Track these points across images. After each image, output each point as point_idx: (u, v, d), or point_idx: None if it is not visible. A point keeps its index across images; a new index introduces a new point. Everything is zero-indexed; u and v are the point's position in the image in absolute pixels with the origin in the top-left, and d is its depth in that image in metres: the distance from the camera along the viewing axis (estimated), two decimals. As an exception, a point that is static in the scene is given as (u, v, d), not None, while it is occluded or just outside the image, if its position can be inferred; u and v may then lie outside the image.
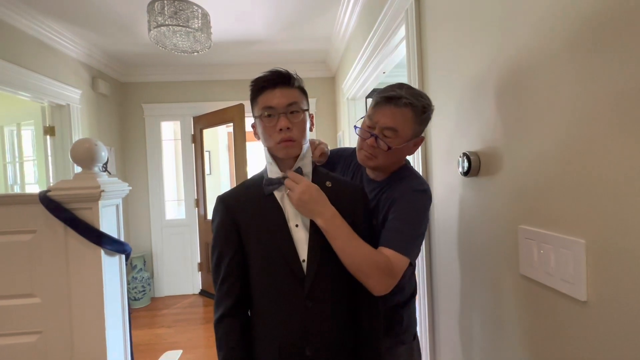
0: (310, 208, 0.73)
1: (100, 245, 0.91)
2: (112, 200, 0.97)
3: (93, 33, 2.54)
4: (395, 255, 0.75)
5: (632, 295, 0.48)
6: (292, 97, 0.75)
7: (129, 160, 3.40)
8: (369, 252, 0.73)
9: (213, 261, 0.78)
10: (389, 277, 0.74)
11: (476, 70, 0.86)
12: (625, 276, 0.49)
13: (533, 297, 0.69)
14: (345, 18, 2.34)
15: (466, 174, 0.89)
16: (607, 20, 0.50)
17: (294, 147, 0.76)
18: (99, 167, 0.95)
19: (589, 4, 0.52)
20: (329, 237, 0.73)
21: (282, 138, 0.74)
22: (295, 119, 0.74)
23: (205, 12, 1.95)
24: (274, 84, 0.75)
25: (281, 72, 0.76)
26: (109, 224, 0.96)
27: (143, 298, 3.20)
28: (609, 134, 0.50)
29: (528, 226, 0.69)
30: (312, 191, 0.73)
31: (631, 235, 0.48)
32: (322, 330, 0.74)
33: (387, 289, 0.74)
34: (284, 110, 0.74)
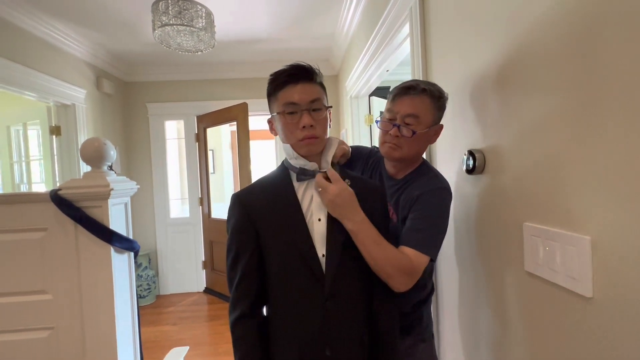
0: (340, 212, 0.74)
1: (110, 243, 0.92)
2: (121, 199, 0.99)
3: (98, 33, 2.56)
4: (416, 255, 0.77)
5: (637, 292, 0.49)
6: (315, 93, 0.74)
7: (133, 160, 3.42)
8: (392, 254, 0.75)
9: (229, 261, 0.76)
10: (410, 276, 0.76)
11: (480, 67, 0.86)
12: (631, 272, 0.49)
13: (538, 294, 0.70)
14: (348, 16, 2.34)
15: (471, 171, 0.90)
16: (610, 16, 0.50)
17: (317, 145, 0.75)
18: (107, 165, 0.97)
19: (592, 3, 0.53)
20: (356, 239, 0.75)
21: (306, 135, 0.73)
22: (318, 116, 0.74)
23: (209, 12, 1.96)
24: (297, 79, 0.73)
25: (304, 67, 0.74)
26: (118, 222, 0.97)
27: (148, 296, 3.23)
28: (615, 131, 0.51)
29: (533, 223, 0.69)
30: (346, 195, 0.73)
31: (637, 231, 0.48)
32: (342, 329, 0.74)
33: (407, 287, 0.76)
34: (307, 107, 0.72)
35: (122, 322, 0.97)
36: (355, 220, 0.74)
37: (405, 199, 0.88)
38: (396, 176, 0.95)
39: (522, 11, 0.69)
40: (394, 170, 0.95)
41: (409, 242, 0.79)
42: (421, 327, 0.99)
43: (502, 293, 0.82)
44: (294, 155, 0.77)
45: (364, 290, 0.79)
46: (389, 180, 0.96)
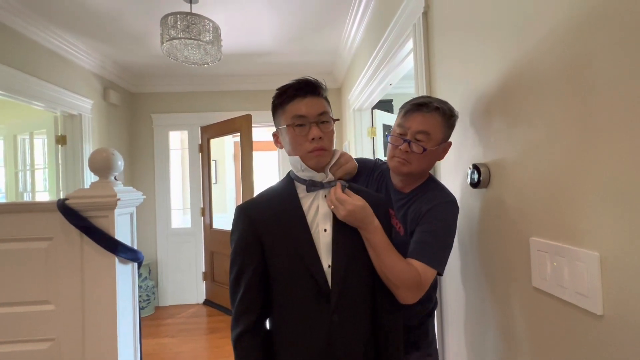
0: (355, 224, 0.76)
1: (115, 253, 0.92)
2: (127, 209, 0.99)
3: (107, 45, 2.62)
4: (424, 268, 0.78)
5: (649, 309, 0.48)
6: (322, 107, 0.76)
7: (136, 169, 3.44)
8: (402, 266, 0.76)
9: (232, 275, 0.76)
10: (417, 289, 0.76)
11: (484, 83, 0.87)
12: (642, 289, 0.49)
13: (547, 311, 0.69)
14: (352, 31, 2.39)
15: (476, 185, 0.90)
16: (616, 30, 0.51)
17: (325, 156, 0.77)
18: (115, 175, 0.97)
19: (597, 17, 0.54)
20: (368, 246, 0.76)
21: (315, 147, 0.74)
22: (326, 129, 0.76)
23: (216, 26, 2.01)
24: (304, 93, 0.75)
25: (311, 81, 0.77)
26: (124, 232, 0.97)
27: (147, 307, 3.19)
28: (622, 145, 0.51)
29: (540, 238, 0.69)
30: (357, 213, 0.74)
31: (646, 248, 0.48)
32: (347, 343, 0.74)
33: (414, 299, 0.77)
34: (316, 120, 0.74)
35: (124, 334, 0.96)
36: (369, 228, 0.76)
37: (413, 212, 0.89)
38: (403, 190, 0.96)
39: (524, 28, 0.71)
40: (401, 185, 0.96)
41: (417, 255, 0.80)
42: (427, 341, 0.99)
43: (509, 309, 0.81)
44: (301, 168, 0.77)
45: (368, 302, 0.78)
46: (396, 194, 0.97)
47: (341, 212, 0.74)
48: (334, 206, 0.75)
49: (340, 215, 0.74)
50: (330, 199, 0.75)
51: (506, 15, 0.78)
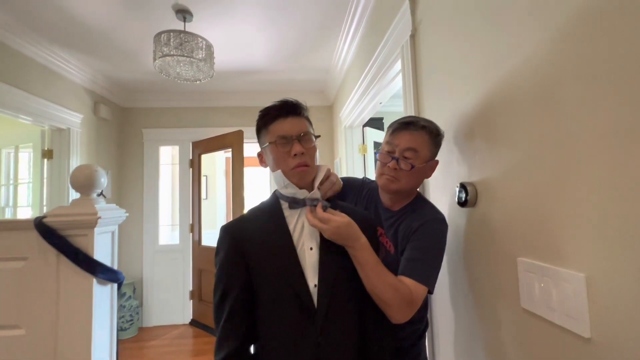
0: (342, 242, 0.75)
1: (94, 274, 0.88)
2: (108, 227, 0.96)
3: (98, 60, 2.62)
4: (415, 285, 0.77)
5: (636, 332, 0.48)
6: (303, 126, 0.78)
7: (125, 184, 3.38)
8: (392, 283, 0.75)
9: (217, 297, 0.74)
10: (409, 307, 0.75)
11: (468, 104, 0.89)
12: (628, 312, 0.49)
13: (536, 333, 0.68)
14: (343, 51, 2.45)
15: (463, 204, 0.90)
16: (599, 52, 0.53)
17: (308, 173, 0.78)
18: (97, 192, 0.95)
19: (575, 43, 0.56)
20: (357, 264, 0.75)
21: (298, 163, 0.75)
22: (307, 145, 0.77)
23: (209, 44, 2.04)
24: (286, 113, 0.78)
25: (292, 102, 0.79)
26: (104, 252, 0.94)
27: (130, 328, 3.06)
28: (607, 167, 0.52)
29: (527, 258, 0.69)
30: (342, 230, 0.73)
31: (632, 269, 0.48)
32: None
33: (406, 318, 0.75)
34: (298, 137, 0.76)
35: None
36: (356, 246, 0.75)
37: (403, 230, 0.89)
38: (392, 208, 0.96)
39: (503, 57, 0.73)
40: (390, 203, 0.96)
41: (408, 272, 0.79)
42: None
43: (499, 330, 0.80)
44: (284, 184, 0.78)
45: (356, 324, 0.76)
46: (386, 213, 0.97)
47: (326, 231, 0.73)
48: (317, 228, 0.74)
49: (326, 234, 0.73)
50: (312, 222, 0.74)
51: (485, 41, 0.81)
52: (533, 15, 0.65)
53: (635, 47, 0.46)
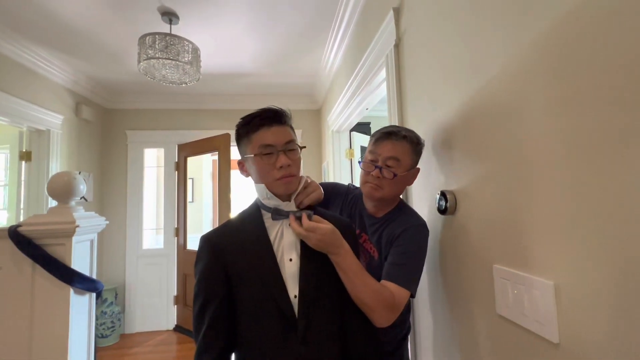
0: (327, 250, 0.75)
1: (71, 284, 0.86)
2: (86, 236, 0.93)
3: (80, 61, 2.56)
4: (398, 290, 0.79)
5: (601, 338, 0.50)
6: (288, 135, 0.77)
7: (108, 187, 3.30)
8: (375, 287, 0.76)
9: (196, 307, 0.73)
10: (392, 311, 0.77)
11: (448, 114, 0.92)
12: (594, 318, 0.51)
13: (510, 338, 0.70)
14: (330, 56, 2.47)
15: (443, 212, 0.93)
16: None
17: (294, 183, 0.77)
18: (76, 200, 0.92)
19: (551, 55, 0.59)
20: (340, 271, 0.76)
21: (283, 175, 0.74)
22: (293, 156, 0.76)
23: (195, 47, 2.02)
24: (270, 122, 0.75)
25: (276, 110, 0.77)
26: (82, 261, 0.91)
27: (112, 335, 2.98)
28: (576, 178, 0.54)
29: (502, 266, 0.71)
30: (327, 238, 0.74)
31: (597, 277, 0.51)
32: None
33: (389, 322, 0.77)
34: (283, 148, 0.75)
35: None
36: (339, 253, 0.75)
37: (387, 236, 0.91)
38: (376, 215, 0.98)
39: (476, 73, 0.76)
40: (374, 209, 0.98)
41: (391, 277, 0.81)
42: None
43: (475, 335, 0.82)
44: (267, 196, 0.78)
45: (337, 333, 0.77)
46: (370, 219, 0.99)
47: (312, 240, 0.73)
48: (302, 237, 0.75)
49: (312, 243, 0.74)
50: (298, 231, 0.74)
51: (462, 55, 0.84)
52: (504, 32, 0.68)
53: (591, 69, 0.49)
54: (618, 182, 0.47)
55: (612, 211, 0.48)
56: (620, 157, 0.46)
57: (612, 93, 0.47)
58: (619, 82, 0.46)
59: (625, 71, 0.45)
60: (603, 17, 0.48)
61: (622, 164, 0.46)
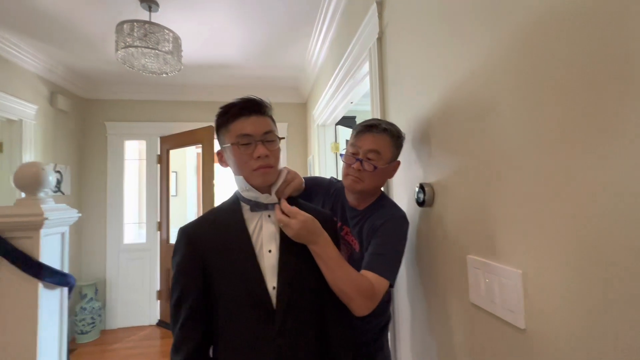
0: (307, 239, 0.75)
1: (39, 278, 0.82)
2: (56, 228, 0.90)
3: (55, 48, 2.45)
4: (377, 279, 0.80)
5: (563, 323, 0.52)
6: (267, 126, 0.76)
7: (86, 180, 3.20)
8: (354, 277, 0.77)
9: (173, 300, 0.73)
10: (371, 300, 0.77)
11: (427, 108, 0.93)
12: (558, 305, 0.53)
13: (481, 325, 0.72)
14: (316, 49, 2.45)
15: (422, 204, 0.94)
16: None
17: (272, 174, 0.76)
18: (45, 192, 0.89)
19: (523, 52, 0.60)
20: (320, 261, 0.75)
21: (261, 165, 0.74)
22: (272, 147, 0.75)
23: (176, 36, 1.96)
24: (249, 112, 0.74)
25: (255, 100, 0.76)
26: (52, 254, 0.88)
27: (92, 331, 2.92)
28: (544, 173, 0.56)
29: (475, 256, 0.73)
30: (309, 225, 0.74)
31: (562, 266, 0.53)
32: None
33: (368, 310, 0.78)
34: (261, 138, 0.74)
35: None
36: (319, 242, 0.75)
37: (368, 228, 0.92)
38: (358, 207, 0.99)
39: (459, 64, 0.77)
40: (355, 202, 0.99)
41: (370, 266, 0.82)
42: (382, 355, 1.02)
43: (450, 324, 0.84)
44: (246, 188, 0.77)
45: (316, 324, 0.77)
46: (351, 211, 1.00)
47: (293, 226, 0.73)
48: (283, 224, 0.74)
49: (293, 231, 0.73)
50: (279, 217, 0.74)
51: (441, 50, 0.84)
52: (483, 28, 0.69)
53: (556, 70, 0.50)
54: (581, 176, 0.48)
55: (576, 202, 0.49)
56: (582, 152, 0.48)
57: (572, 93, 0.48)
58: (582, 81, 0.47)
59: (590, 70, 0.46)
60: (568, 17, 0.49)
61: (584, 159, 0.48)
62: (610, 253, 0.45)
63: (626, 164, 0.42)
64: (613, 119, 0.44)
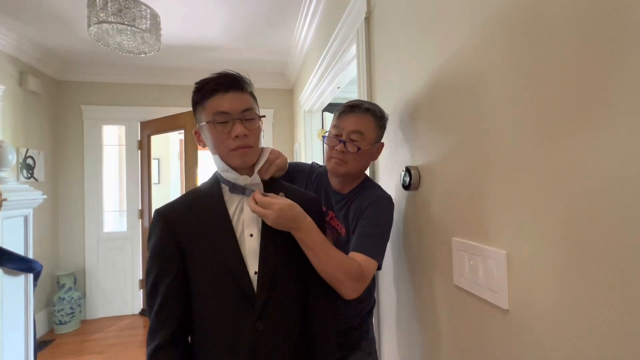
0: (289, 226, 0.71)
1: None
2: (18, 211, 0.83)
3: (24, 24, 2.29)
4: (365, 260, 0.78)
5: (545, 303, 0.52)
6: (246, 103, 0.71)
7: (62, 166, 3.06)
8: (342, 260, 0.74)
9: (148, 285, 0.69)
10: (360, 282, 0.76)
11: (414, 90, 0.90)
12: (540, 285, 0.53)
13: (464, 306, 0.72)
14: (302, 32, 2.38)
15: (407, 187, 0.92)
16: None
17: (251, 154, 0.72)
18: (4, 171, 0.82)
19: (518, 31, 0.57)
20: (304, 247, 0.72)
21: (239, 145, 0.69)
22: (251, 126, 0.71)
23: (154, 13, 1.85)
24: (226, 88, 0.69)
25: (233, 75, 0.71)
26: (14, 238, 0.81)
27: (71, 321, 2.84)
28: (529, 154, 0.54)
29: (460, 238, 0.72)
30: (287, 213, 0.69)
31: (544, 246, 0.52)
32: (273, 354, 0.69)
33: (358, 293, 0.76)
34: (240, 116, 0.69)
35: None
36: (302, 227, 0.72)
37: (353, 210, 0.90)
38: (342, 191, 0.97)
39: (448, 46, 0.74)
40: (339, 186, 0.97)
41: (358, 247, 0.81)
42: (367, 340, 1.01)
43: (434, 306, 0.84)
44: (224, 168, 0.73)
45: (298, 309, 0.75)
46: (336, 195, 0.98)
47: (270, 216, 0.69)
48: (259, 214, 0.70)
49: (270, 219, 0.69)
50: (254, 209, 0.70)
51: (429, 31, 0.81)
52: (471, 5, 0.66)
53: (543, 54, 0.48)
54: (565, 158, 0.47)
55: (565, 183, 0.48)
56: (568, 133, 0.46)
57: (566, 67, 0.46)
58: (576, 53, 0.45)
59: (579, 47, 0.44)
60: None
61: (570, 140, 0.46)
62: (596, 235, 0.43)
63: (616, 146, 0.41)
64: (607, 97, 0.42)
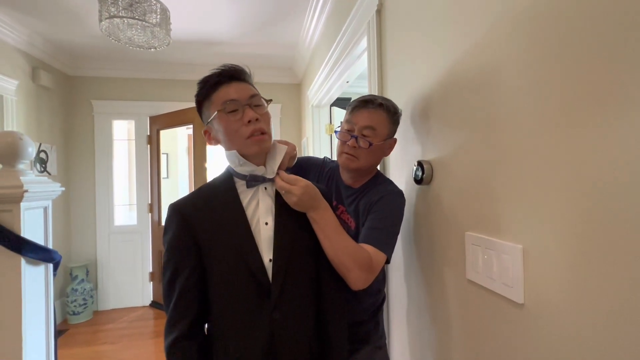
0: (309, 204, 0.73)
1: (21, 253, 0.79)
2: (38, 202, 0.85)
3: (36, 20, 2.31)
4: (375, 252, 0.78)
5: (561, 297, 0.51)
6: (250, 90, 0.73)
7: (74, 161, 3.11)
8: (352, 247, 0.75)
9: (166, 278, 0.70)
10: (369, 272, 0.76)
11: (427, 84, 0.89)
12: (557, 280, 0.52)
13: (478, 301, 0.72)
14: (311, 26, 2.36)
15: (419, 182, 0.92)
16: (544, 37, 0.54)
17: (267, 141, 0.73)
18: (25, 163, 0.84)
19: (534, 24, 0.56)
20: (318, 228, 0.74)
21: (254, 130, 0.70)
22: (260, 111, 0.72)
23: (164, 8, 1.86)
24: (229, 79, 0.72)
25: (235, 67, 0.73)
26: (34, 229, 0.84)
27: (84, 312, 2.91)
28: (546, 147, 0.54)
29: (474, 232, 0.72)
30: (310, 190, 0.73)
31: (560, 241, 0.51)
32: (290, 342, 0.71)
33: (366, 283, 0.76)
34: (248, 102, 0.71)
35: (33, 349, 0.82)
36: (319, 207, 0.74)
37: (364, 204, 0.90)
38: (353, 185, 0.97)
39: (463, 37, 0.73)
40: (351, 181, 0.97)
41: (368, 239, 0.81)
42: (377, 334, 1.01)
43: (446, 300, 0.84)
44: (240, 162, 0.74)
45: (312, 297, 0.76)
46: (347, 190, 0.98)
47: (296, 192, 0.71)
48: (285, 190, 0.72)
49: (297, 195, 0.71)
50: (280, 185, 0.72)
51: (448, 24, 0.80)
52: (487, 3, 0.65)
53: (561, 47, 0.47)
54: (582, 151, 0.47)
55: (581, 177, 0.47)
56: (585, 127, 0.46)
57: (581, 61, 0.45)
58: (591, 47, 0.44)
59: (595, 41, 0.43)
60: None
61: (586, 134, 0.46)
62: (614, 229, 0.43)
63: (632, 138, 0.40)
64: (623, 91, 0.41)
